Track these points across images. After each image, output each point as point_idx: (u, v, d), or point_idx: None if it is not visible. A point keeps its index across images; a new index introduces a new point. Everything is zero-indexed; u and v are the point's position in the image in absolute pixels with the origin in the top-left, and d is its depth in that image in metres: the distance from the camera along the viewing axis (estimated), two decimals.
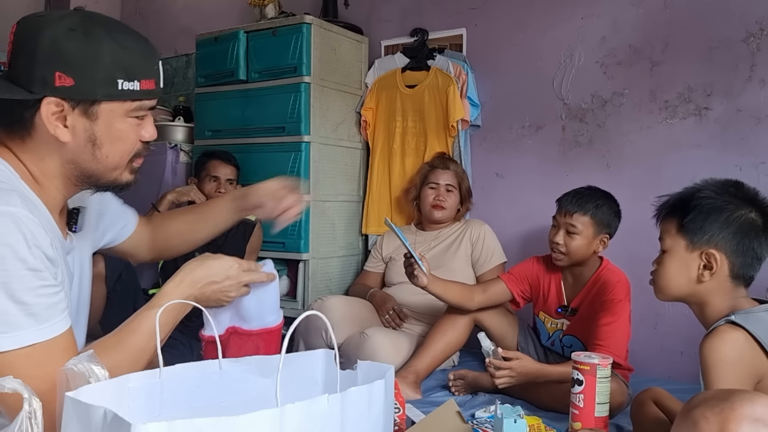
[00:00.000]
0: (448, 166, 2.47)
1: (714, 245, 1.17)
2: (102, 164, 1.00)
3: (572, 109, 2.50)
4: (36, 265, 0.89)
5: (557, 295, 1.97)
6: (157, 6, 3.92)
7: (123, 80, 0.95)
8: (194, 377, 0.93)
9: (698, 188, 1.23)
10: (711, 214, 1.18)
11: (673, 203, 1.26)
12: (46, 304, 0.90)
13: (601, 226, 1.85)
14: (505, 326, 2.07)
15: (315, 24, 2.61)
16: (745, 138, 2.16)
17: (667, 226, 1.26)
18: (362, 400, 0.84)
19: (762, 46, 2.13)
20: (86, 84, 0.93)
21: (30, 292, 0.88)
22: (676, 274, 1.22)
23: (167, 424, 0.66)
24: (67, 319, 0.95)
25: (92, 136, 0.97)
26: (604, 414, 1.48)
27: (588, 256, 1.87)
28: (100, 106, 0.96)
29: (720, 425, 0.76)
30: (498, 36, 2.66)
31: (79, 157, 0.99)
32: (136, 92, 0.98)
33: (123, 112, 0.98)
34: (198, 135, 2.94)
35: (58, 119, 0.95)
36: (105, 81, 0.94)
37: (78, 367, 0.81)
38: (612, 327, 1.75)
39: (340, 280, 2.77)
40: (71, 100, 0.94)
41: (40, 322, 0.89)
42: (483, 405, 1.77)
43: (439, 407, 1.36)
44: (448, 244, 2.44)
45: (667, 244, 1.24)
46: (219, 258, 1.12)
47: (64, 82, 0.92)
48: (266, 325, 1.22)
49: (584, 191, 1.88)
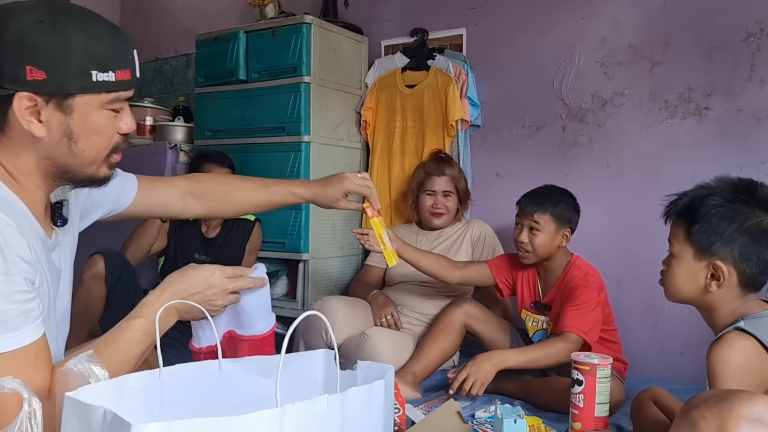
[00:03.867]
0: (443, 171, 2.43)
1: (722, 257, 1.15)
2: (79, 159, 0.98)
3: (572, 109, 2.50)
4: (8, 270, 0.87)
5: (533, 290, 2.03)
6: (157, 6, 3.92)
7: (96, 71, 0.92)
8: (194, 377, 0.93)
9: (708, 192, 1.19)
10: (720, 224, 1.15)
11: (682, 208, 1.23)
12: (18, 311, 0.88)
13: (561, 222, 1.91)
14: (495, 331, 2.09)
15: (315, 24, 2.60)
16: (745, 138, 2.15)
17: (675, 230, 1.23)
18: (362, 400, 0.84)
19: (762, 46, 2.13)
20: (58, 77, 0.90)
21: (1, 297, 0.86)
22: (684, 281, 1.21)
23: (167, 424, 0.66)
24: (39, 326, 0.92)
25: (68, 131, 0.95)
26: (604, 414, 1.48)
27: (553, 251, 1.94)
28: (74, 99, 0.93)
29: (719, 425, 0.76)
30: (498, 36, 2.66)
31: (55, 152, 0.96)
32: (111, 83, 0.94)
33: (99, 105, 0.95)
34: (198, 135, 2.94)
35: (32, 114, 0.92)
36: (78, 73, 0.91)
37: (78, 367, 0.81)
38: (572, 309, 1.80)
39: (339, 280, 2.77)
40: (44, 94, 0.91)
41: (8, 330, 0.87)
42: (483, 405, 1.77)
43: (439, 407, 1.36)
44: (450, 243, 2.43)
45: (676, 249, 1.22)
46: (199, 268, 1.11)
47: (35, 75, 0.89)
48: (257, 332, 1.20)
49: (542, 190, 1.97)
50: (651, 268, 2.32)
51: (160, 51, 3.84)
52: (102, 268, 1.99)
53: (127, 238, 2.32)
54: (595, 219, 2.31)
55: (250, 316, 1.19)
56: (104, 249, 2.06)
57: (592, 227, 2.26)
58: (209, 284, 1.09)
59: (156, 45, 3.84)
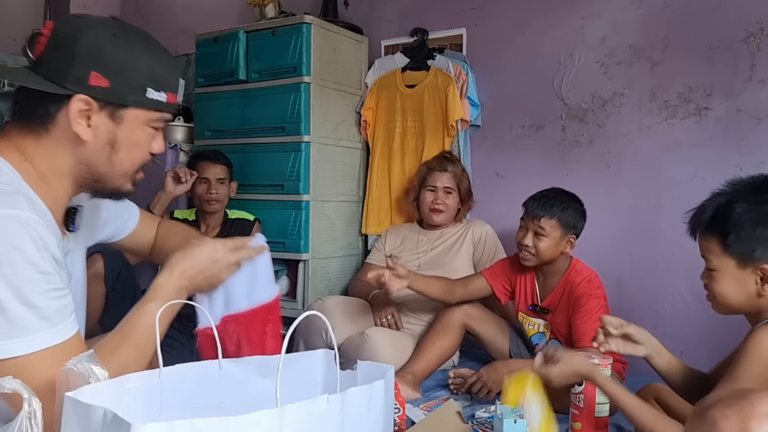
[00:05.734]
0: (445, 167, 2.43)
1: (766, 259, 1.14)
2: (114, 168, 1.03)
3: (572, 109, 2.50)
4: (45, 268, 0.90)
5: (531, 293, 2.01)
6: (157, 6, 3.92)
7: (152, 89, 1.00)
8: (194, 377, 0.93)
9: (729, 199, 1.18)
10: (756, 229, 1.14)
11: (709, 221, 1.21)
12: (57, 307, 0.91)
13: (567, 228, 1.88)
14: (494, 332, 2.09)
15: (315, 24, 2.60)
16: (745, 138, 2.15)
17: (708, 244, 1.21)
18: (362, 400, 0.84)
19: (762, 46, 2.13)
20: (120, 87, 0.97)
21: (41, 295, 0.89)
22: (734, 293, 1.19)
23: (167, 424, 0.66)
24: (75, 321, 0.96)
25: (113, 139, 1.00)
26: (604, 414, 1.48)
27: (556, 256, 1.92)
28: (127, 111, 0.99)
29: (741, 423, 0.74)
30: (498, 36, 2.66)
31: (94, 159, 1.01)
32: (161, 103, 1.02)
33: (145, 121, 1.02)
34: (198, 135, 2.94)
35: (82, 117, 0.97)
36: (137, 88, 0.98)
37: (78, 367, 0.81)
38: (585, 320, 1.79)
39: (339, 280, 2.77)
40: (101, 101, 0.96)
41: (51, 325, 0.90)
42: (483, 405, 1.78)
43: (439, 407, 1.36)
44: (451, 243, 2.43)
45: (714, 264, 1.20)
46: (201, 245, 1.14)
47: (99, 82, 0.95)
48: (263, 300, 1.21)
49: (549, 194, 1.92)
50: (651, 268, 2.35)
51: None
52: (101, 268, 1.99)
53: None
54: (595, 219, 2.30)
55: (253, 284, 1.19)
56: (103, 248, 2.05)
57: (592, 227, 2.26)
58: (214, 259, 1.13)
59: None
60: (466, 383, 1.87)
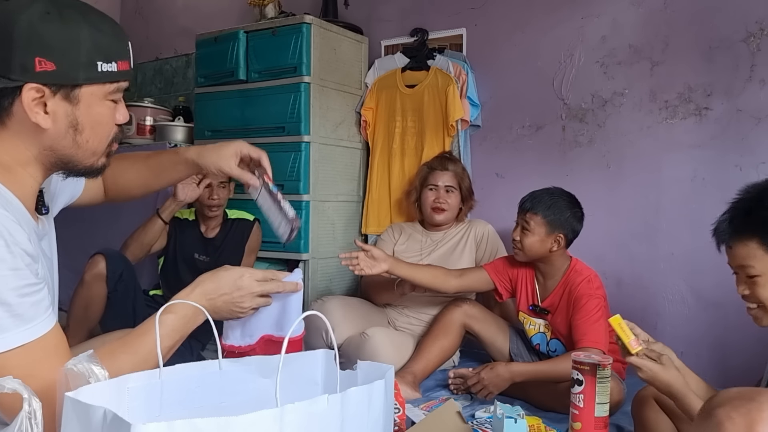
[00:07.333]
0: (446, 167, 2.43)
1: None
2: (82, 149, 0.99)
3: (572, 109, 2.50)
4: (16, 264, 0.88)
5: (530, 294, 2.01)
6: (157, 6, 3.92)
7: (102, 62, 0.94)
8: (194, 377, 0.93)
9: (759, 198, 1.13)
10: None
11: (740, 224, 1.15)
12: (30, 303, 0.89)
13: (553, 226, 1.87)
14: (494, 332, 2.09)
15: (315, 24, 2.60)
16: (745, 138, 2.15)
17: (745, 250, 1.14)
18: (362, 400, 0.84)
19: (762, 46, 2.13)
20: (68, 68, 0.91)
21: (12, 292, 0.87)
22: None
23: (167, 424, 0.66)
24: (52, 316, 0.94)
25: (74, 121, 0.96)
26: (604, 414, 1.48)
27: (543, 253, 1.90)
28: (81, 89, 0.94)
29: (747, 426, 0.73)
30: (498, 36, 2.66)
31: (59, 143, 0.97)
32: (114, 73, 0.96)
33: (102, 95, 0.97)
34: (198, 135, 2.94)
35: (38, 105, 0.92)
36: (86, 64, 0.93)
37: (78, 368, 0.81)
38: (585, 320, 1.79)
39: (340, 280, 2.77)
40: (52, 85, 0.92)
41: (25, 322, 0.88)
42: (483, 405, 1.78)
43: (439, 407, 1.36)
44: (454, 244, 2.43)
45: (759, 269, 1.13)
46: (230, 269, 1.12)
47: (45, 67, 0.90)
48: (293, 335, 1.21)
49: (541, 192, 1.93)
50: (651, 268, 2.35)
51: (160, 51, 3.84)
52: (103, 269, 1.99)
53: (128, 237, 2.32)
54: (595, 219, 2.30)
55: (283, 318, 1.19)
56: (105, 249, 2.06)
57: (592, 227, 2.26)
58: (237, 286, 1.11)
59: (156, 45, 3.84)
60: (466, 383, 1.88)
